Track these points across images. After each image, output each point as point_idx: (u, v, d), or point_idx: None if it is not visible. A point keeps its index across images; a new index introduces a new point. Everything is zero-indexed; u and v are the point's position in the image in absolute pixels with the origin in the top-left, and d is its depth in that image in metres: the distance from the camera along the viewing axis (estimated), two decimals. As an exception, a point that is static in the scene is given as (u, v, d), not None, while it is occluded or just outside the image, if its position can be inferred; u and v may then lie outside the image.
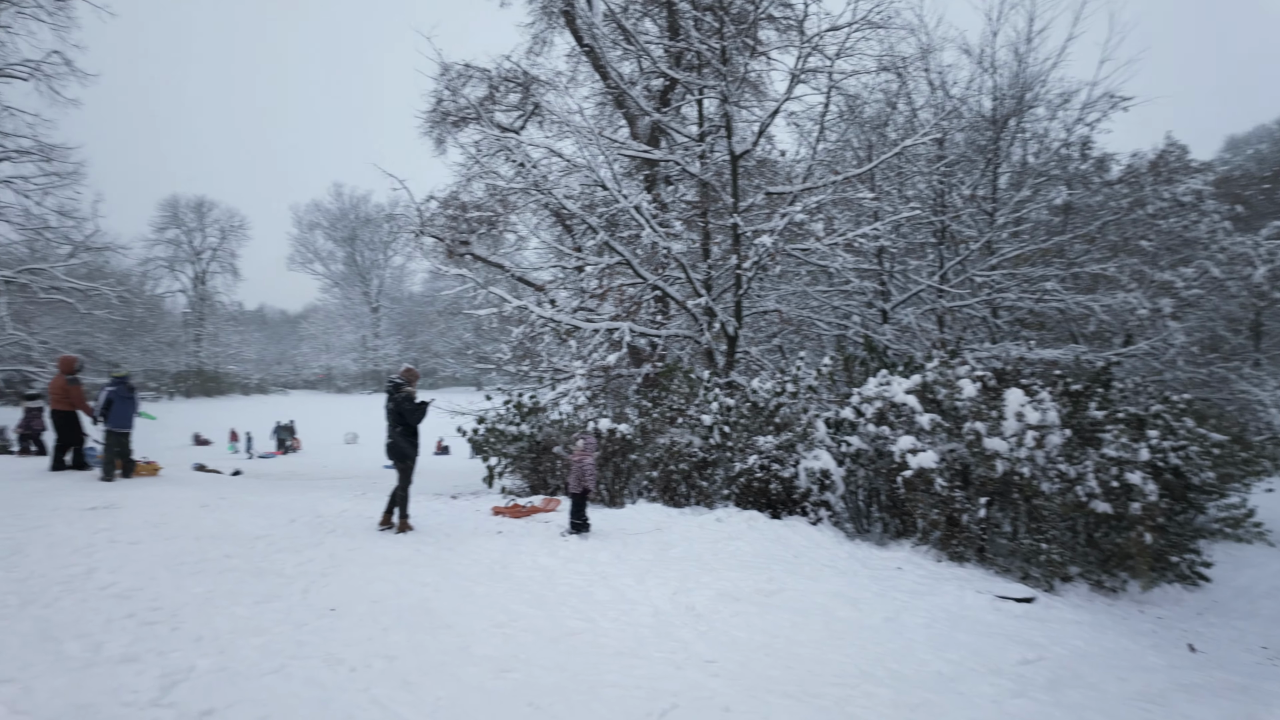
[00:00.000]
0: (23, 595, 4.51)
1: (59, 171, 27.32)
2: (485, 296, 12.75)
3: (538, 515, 8.67)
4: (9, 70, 26.54)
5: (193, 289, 64.98)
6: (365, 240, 73.85)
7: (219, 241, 65.58)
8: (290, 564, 5.85)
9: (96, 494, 8.16)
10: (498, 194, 13.81)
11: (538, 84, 15.49)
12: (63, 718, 3.06)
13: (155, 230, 61.95)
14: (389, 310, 74.14)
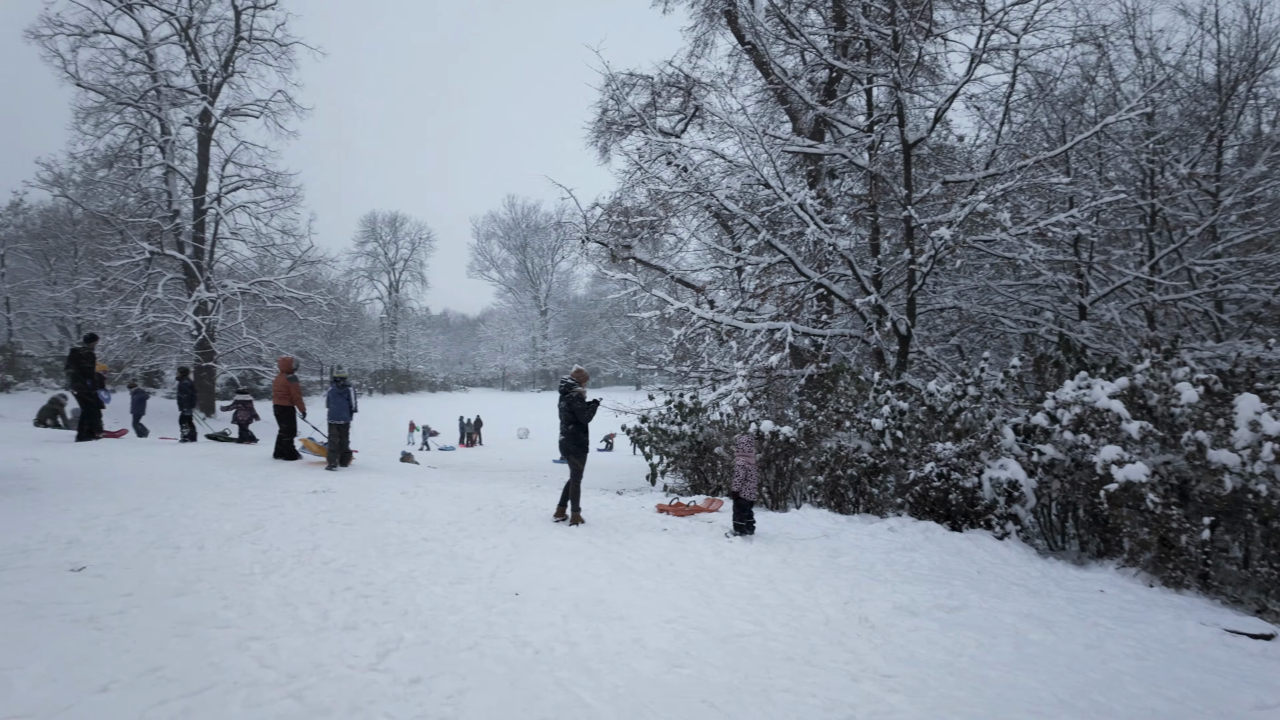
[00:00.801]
0: (265, 565, 5.25)
1: (282, 195, 31.36)
2: (647, 299, 13.04)
3: (700, 515, 8.75)
4: (244, 110, 30.89)
5: (388, 296, 72.15)
6: (535, 247, 78.33)
7: (409, 252, 72.44)
8: (478, 550, 6.33)
9: (316, 479, 9.30)
10: (659, 198, 14.07)
11: (699, 86, 15.62)
12: (302, 674, 3.52)
13: (357, 244, 69.62)
14: (556, 313, 78.07)
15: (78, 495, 7.13)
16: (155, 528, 6.03)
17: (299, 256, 32.14)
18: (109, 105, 28.11)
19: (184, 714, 3.06)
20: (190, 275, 28.74)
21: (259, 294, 30.06)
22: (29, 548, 5.24)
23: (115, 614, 4.08)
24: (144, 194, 29.50)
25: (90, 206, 29.59)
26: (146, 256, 27.97)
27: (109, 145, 28.71)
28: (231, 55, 29.81)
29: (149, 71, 28.62)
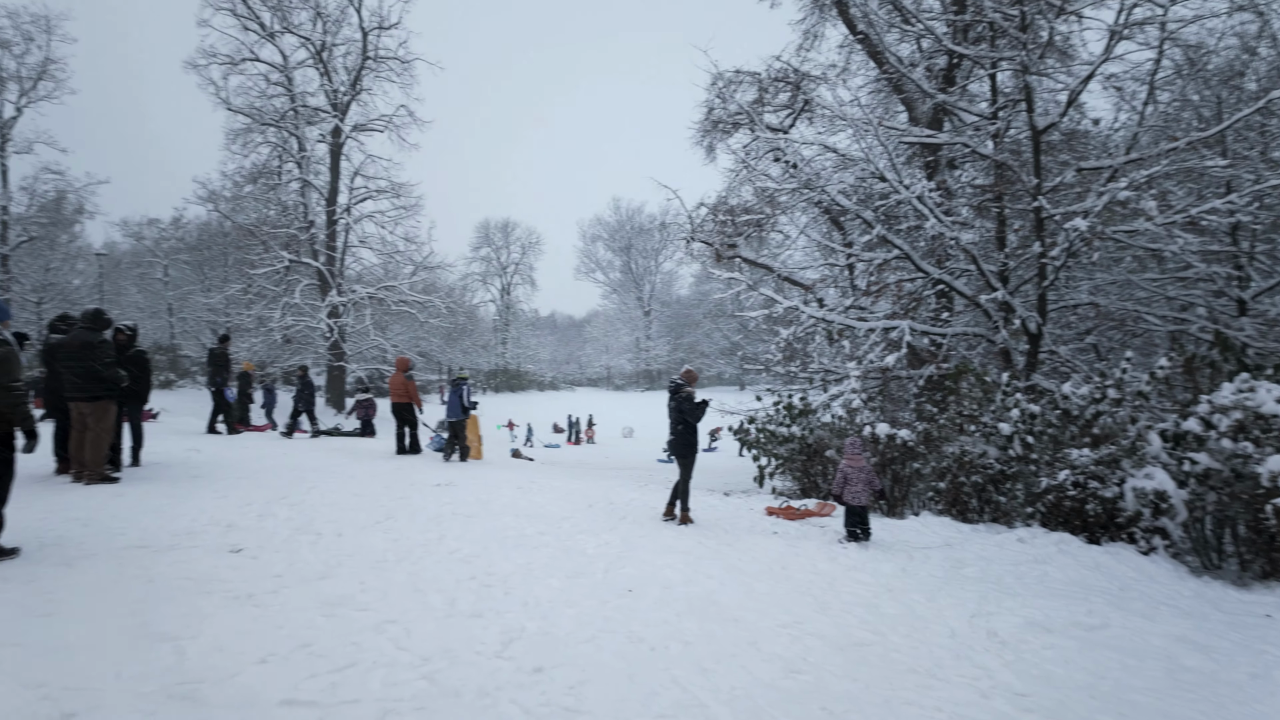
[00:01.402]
0: (397, 553, 5.57)
1: (405, 205, 33.17)
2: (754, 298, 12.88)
3: (812, 519, 8.56)
4: (370, 125, 32.92)
5: (500, 298, 74.99)
6: (639, 249, 79.24)
7: (520, 256, 75.04)
8: (591, 545, 6.46)
9: (439, 473, 9.79)
10: (766, 195, 13.89)
11: (808, 80, 15.28)
12: (433, 657, 3.72)
13: (472, 249, 72.80)
14: (659, 314, 78.62)
15: (233, 483, 7.84)
16: (300, 515, 6.53)
17: (420, 262, 33.93)
18: (254, 126, 30.74)
19: (331, 688, 3.29)
20: (323, 281, 30.95)
21: (384, 298, 31.99)
22: (195, 530, 5.81)
23: (269, 593, 4.45)
24: (283, 207, 32.05)
25: (238, 219, 32.44)
26: (286, 264, 30.37)
27: (254, 163, 31.41)
28: (359, 74, 31.87)
29: (288, 93, 31.06)
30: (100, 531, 5.60)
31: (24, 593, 4.20)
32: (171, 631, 3.75)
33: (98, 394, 7.37)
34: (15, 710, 2.92)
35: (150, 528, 5.77)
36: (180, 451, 10.06)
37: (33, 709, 2.93)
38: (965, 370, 9.83)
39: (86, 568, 4.72)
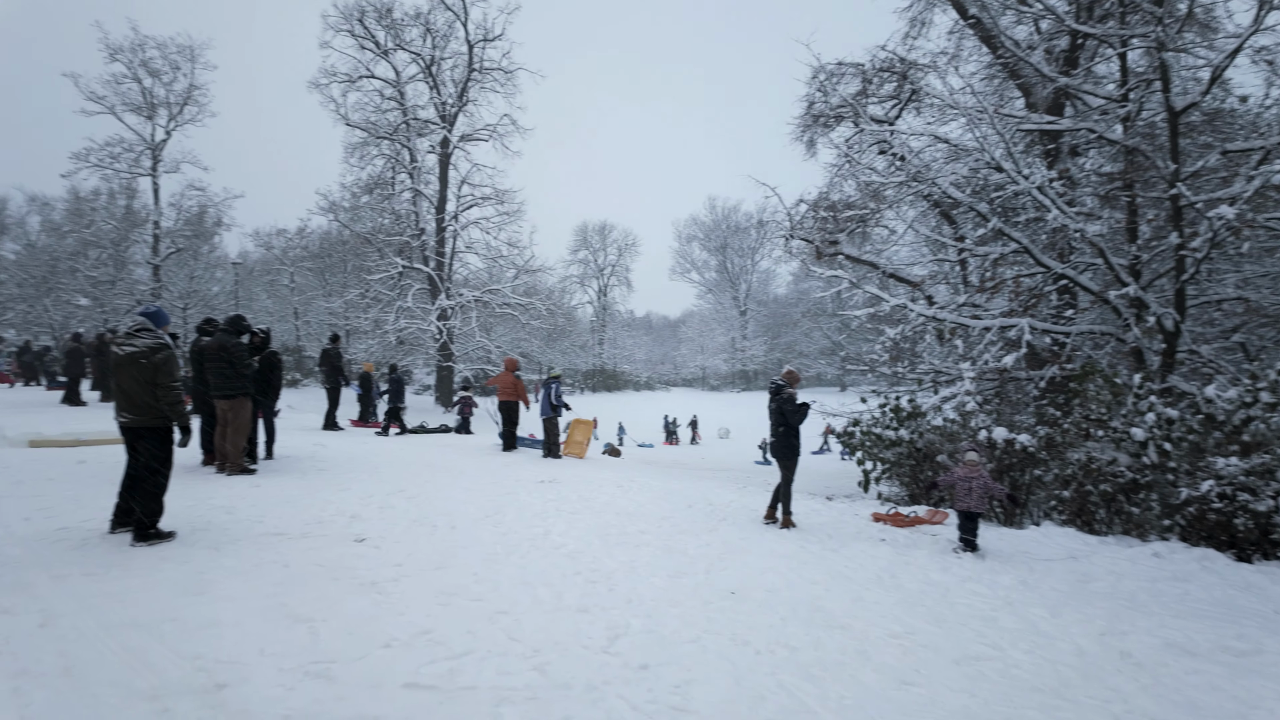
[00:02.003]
0: (506, 547, 5.78)
1: (508, 211, 34.28)
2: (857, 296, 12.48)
3: (922, 526, 8.21)
4: (476, 135, 34.22)
5: (597, 300, 76.20)
6: (735, 248, 78.58)
7: (616, 258, 75.95)
8: (691, 545, 6.46)
9: (542, 470, 10.06)
10: (871, 190, 13.44)
11: (915, 69, 14.68)
12: (543, 649, 3.83)
13: (570, 252, 74.32)
14: (755, 313, 77.66)
15: (355, 477, 8.35)
16: (416, 507, 6.89)
17: (522, 266, 35.00)
18: (370, 140, 32.65)
19: (450, 674, 3.45)
20: (433, 285, 32.46)
21: (489, 301, 33.20)
22: (323, 519, 6.24)
23: (391, 581, 4.71)
24: (396, 215, 33.83)
25: (356, 228, 34.52)
26: (399, 270, 32.06)
27: (370, 175, 33.37)
28: (466, 86, 33.23)
29: (400, 107, 32.78)
30: (242, 519, 6.10)
31: (180, 573, 4.63)
32: (306, 614, 4.04)
33: (236, 392, 8.04)
34: (176, 679, 3.22)
35: (284, 517, 6.24)
36: (308, 446, 10.80)
37: (190, 678, 3.23)
38: (1092, 371, 9.17)
39: (231, 552, 5.15)
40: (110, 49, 32.38)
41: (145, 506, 5.23)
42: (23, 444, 9.55)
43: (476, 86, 33.55)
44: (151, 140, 34.29)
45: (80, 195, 35.92)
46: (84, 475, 7.63)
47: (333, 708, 3.05)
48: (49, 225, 38.07)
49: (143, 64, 33.12)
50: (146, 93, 33.57)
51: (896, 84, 15.07)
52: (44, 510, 6.06)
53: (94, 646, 3.51)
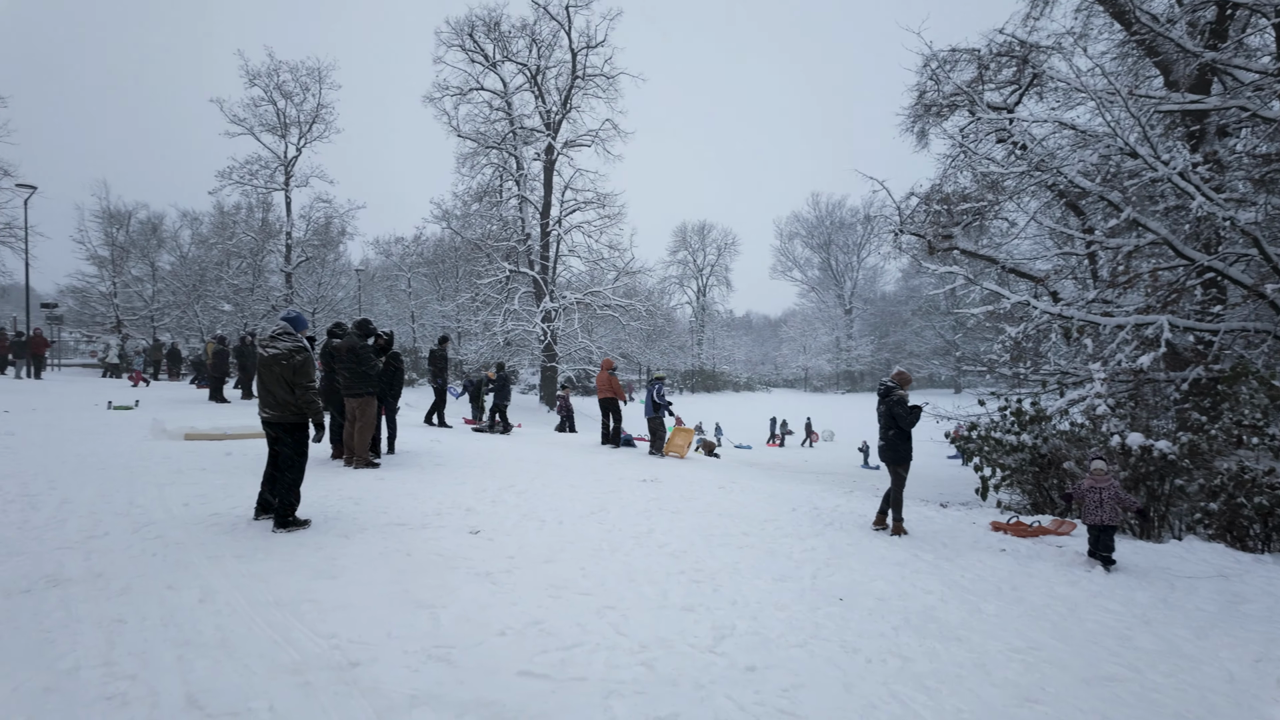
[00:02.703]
0: (611, 544, 5.89)
1: (609, 214, 34.85)
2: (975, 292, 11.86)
3: (1046, 537, 7.72)
4: (579, 141, 34.98)
5: (695, 300, 76.11)
6: (839, 244, 76.54)
7: (715, 258, 75.55)
8: (796, 550, 6.36)
9: (644, 469, 10.17)
10: (988, 180, 12.75)
11: (1036, 52, 13.80)
12: (650, 646, 3.89)
13: (669, 253, 74.58)
14: (861, 311, 75.29)
15: (469, 472, 8.75)
16: (525, 503, 7.14)
17: (622, 268, 35.49)
18: (479, 150, 34.07)
19: (561, 665, 3.56)
20: (538, 288, 33.48)
21: (590, 303, 33.90)
22: (441, 511, 6.57)
23: (504, 572, 4.91)
24: (504, 221, 35.12)
25: (466, 235, 36.08)
26: (506, 274, 33.26)
27: (479, 183, 34.81)
28: (569, 93, 34.05)
29: (508, 117, 34.00)
30: (368, 510, 6.52)
31: (316, 558, 5.01)
32: (428, 600, 4.28)
33: (364, 391, 8.60)
34: (315, 655, 3.49)
35: (406, 508, 6.62)
36: (425, 442, 11.40)
37: (327, 655, 3.49)
38: (1245, 372, 8.32)
39: (359, 540, 5.52)
40: (249, 74, 35.33)
41: (284, 496, 5.70)
42: (179, 437, 10.59)
43: (580, 93, 34.33)
44: (284, 157, 37.13)
45: (224, 210, 39.39)
46: (230, 466, 8.38)
47: (454, 690, 3.22)
48: (198, 238, 41.94)
49: (277, 87, 35.94)
50: (280, 113, 36.41)
51: (1016, 69, 14.21)
52: (200, 497, 6.71)
53: (244, 622, 3.85)
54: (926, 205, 14.09)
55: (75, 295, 40.87)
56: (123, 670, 3.24)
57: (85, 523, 5.66)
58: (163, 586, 4.32)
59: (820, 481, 12.91)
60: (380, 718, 2.95)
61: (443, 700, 3.13)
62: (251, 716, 2.90)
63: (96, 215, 39.86)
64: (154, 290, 40.52)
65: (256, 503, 5.99)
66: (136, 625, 3.75)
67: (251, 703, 3.00)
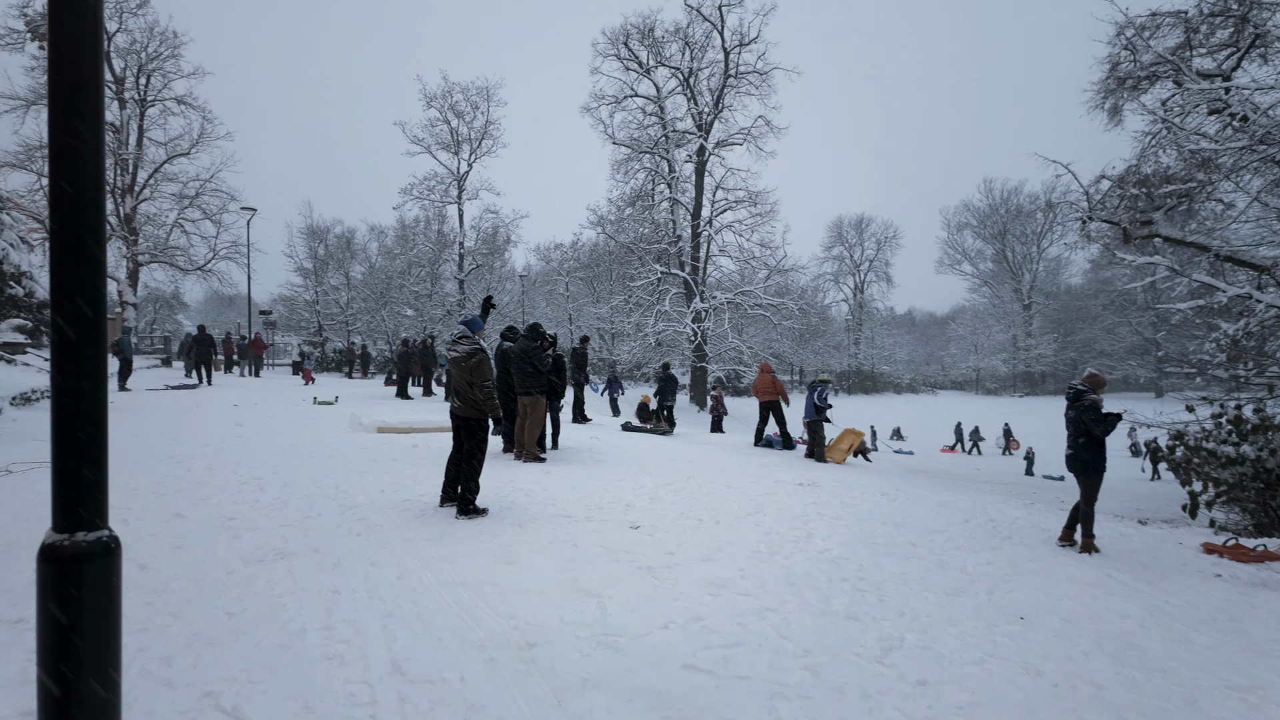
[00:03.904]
0: (769, 546, 5.86)
1: (761, 212, 34.48)
2: (1185, 284, 10.53)
3: (1274, 564, 6.72)
4: (730, 140, 34.87)
5: (852, 297, 73.30)
6: (1016, 234, 70.56)
7: (875, 253, 72.35)
8: (970, 563, 5.98)
9: (800, 472, 9.99)
10: (1198, 159, 11.26)
11: (1259, 8, 12.00)
12: (813, 651, 3.84)
13: (824, 249, 72.41)
14: (1042, 307, 68.91)
15: (627, 469, 9.03)
16: (682, 501, 7.27)
17: (774, 266, 34.99)
18: (633, 155, 34.95)
19: (724, 662, 3.61)
20: (689, 289, 33.79)
21: (741, 302, 33.72)
22: (603, 505, 6.85)
23: (664, 567, 5.05)
24: (656, 224, 35.78)
25: (620, 239, 37.14)
26: (658, 276, 33.86)
27: (632, 188, 35.72)
28: (721, 93, 34.09)
29: (660, 121, 34.63)
30: (537, 501, 6.94)
31: (494, 544, 5.41)
32: (595, 589, 4.49)
33: (535, 390, 9.15)
34: (497, 634, 3.79)
35: (571, 502, 6.97)
36: (585, 439, 11.90)
37: (508, 635, 3.78)
38: None
39: (531, 529, 5.89)
40: (427, 97, 38.53)
41: (466, 485, 6.20)
42: (373, 430, 11.78)
43: (732, 92, 34.27)
44: (457, 172, 40.13)
45: (405, 223, 43.27)
46: (417, 457, 9.22)
47: (623, 677, 3.37)
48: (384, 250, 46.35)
49: (450, 107, 38.91)
50: (454, 132, 39.38)
51: (1233, 29, 12.44)
52: (393, 484, 7.46)
53: (436, 599, 4.25)
54: (1121, 189, 12.67)
55: (285, 303, 46.65)
56: (339, 635, 3.69)
57: (302, 504, 6.48)
58: (366, 564, 4.86)
59: (996, 492, 12.02)
60: (556, 697, 3.15)
61: (613, 686, 3.28)
62: (446, 685, 3.21)
63: (302, 231, 45.26)
64: (348, 297, 45.28)
65: (441, 491, 6.57)
66: (348, 596, 4.25)
67: (446, 673, 3.31)
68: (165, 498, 6.34)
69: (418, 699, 3.08)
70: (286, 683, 3.16)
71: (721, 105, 34.16)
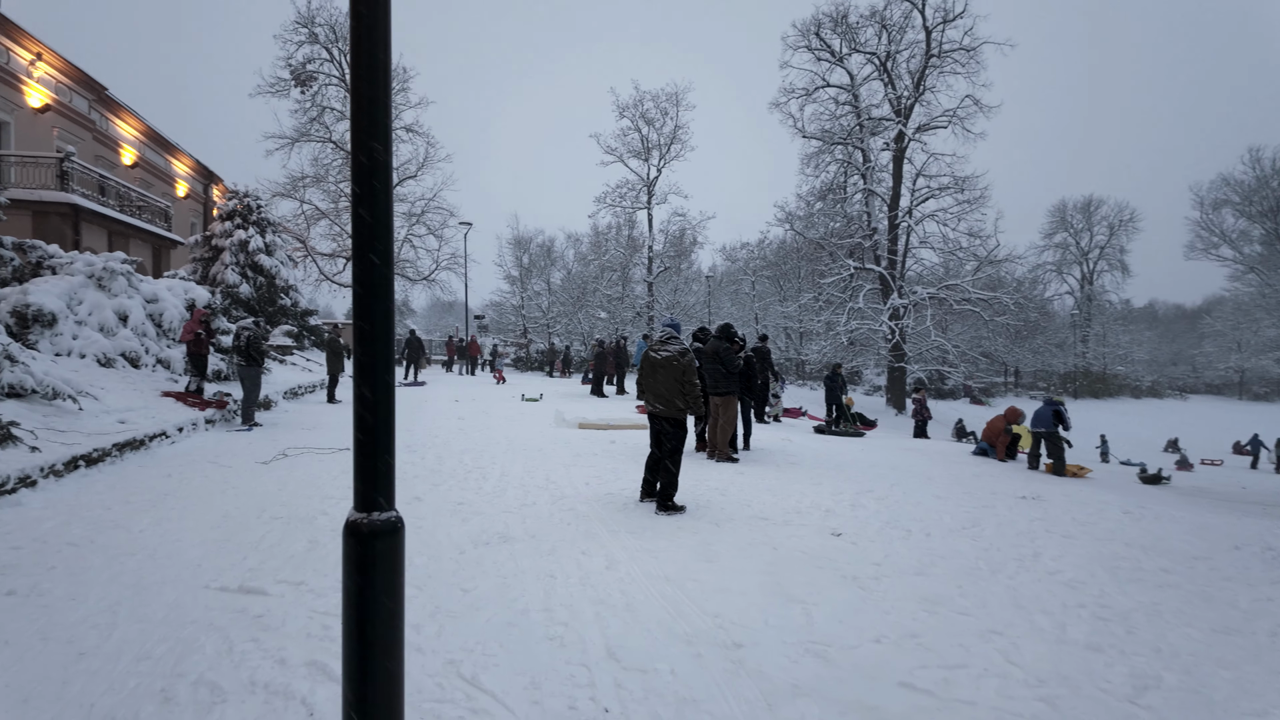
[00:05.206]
0: (989, 563, 5.38)
1: (969, 199, 31.92)
2: None
3: None
4: (933, 124, 32.64)
5: (1079, 289, 65.36)
6: (1294, 211, 58.88)
7: (1107, 239, 63.91)
8: (1244, 598, 5.07)
9: (1022, 484, 9.10)
10: None
11: None
12: (1048, 681, 3.46)
13: (1044, 237, 65.12)
14: (1330, 296, 56.89)
15: (824, 473, 8.77)
16: (886, 510, 6.91)
17: (985, 257, 32.25)
18: (824, 148, 33.87)
19: (944, 684, 3.37)
20: (885, 285, 32.07)
21: (945, 298, 31.41)
22: (801, 510, 6.71)
23: (871, 578, 4.82)
24: (848, 218, 34.38)
25: (809, 235, 36.13)
26: (850, 272, 32.52)
27: (823, 182, 34.59)
28: (922, 75, 32.03)
29: (854, 110, 33.25)
30: (733, 501, 6.95)
31: (693, 541, 5.50)
32: (799, 595, 4.40)
33: (727, 390, 9.19)
34: (702, 631, 3.84)
35: (767, 504, 6.90)
36: (777, 441, 11.74)
37: (713, 633, 3.82)
38: None
39: (729, 529, 5.91)
40: (619, 108, 40.07)
41: (666, 482, 6.37)
42: (575, 426, 12.48)
43: (935, 73, 32.06)
44: (647, 178, 41.33)
45: (599, 230, 45.33)
46: (616, 453, 9.63)
47: (834, 688, 3.26)
48: (579, 256, 48.90)
49: (641, 115, 40.15)
50: (644, 139, 40.60)
51: None
52: (596, 478, 7.86)
53: (642, 591, 4.41)
54: None
55: (495, 308, 50.87)
56: (557, 618, 3.95)
57: (519, 493, 7.02)
58: (578, 552, 5.15)
59: (1269, 514, 10.12)
60: (767, 700, 3.13)
61: (824, 696, 3.19)
62: (657, 675, 3.31)
63: (509, 242, 49.07)
64: (549, 302, 48.38)
65: (641, 486, 6.80)
66: (563, 581, 4.53)
67: (656, 664, 3.42)
68: (406, 483, 7.16)
69: (632, 686, 3.20)
70: (515, 658, 3.44)
71: (923, 87, 32.05)
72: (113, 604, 3.98)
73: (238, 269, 22.73)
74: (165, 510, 6.04)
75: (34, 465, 6.48)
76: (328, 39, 35.05)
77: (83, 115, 22.61)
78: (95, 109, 23.56)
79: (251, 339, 11.25)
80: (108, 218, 19.97)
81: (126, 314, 12.26)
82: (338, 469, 7.99)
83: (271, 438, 10.15)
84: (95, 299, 11.92)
